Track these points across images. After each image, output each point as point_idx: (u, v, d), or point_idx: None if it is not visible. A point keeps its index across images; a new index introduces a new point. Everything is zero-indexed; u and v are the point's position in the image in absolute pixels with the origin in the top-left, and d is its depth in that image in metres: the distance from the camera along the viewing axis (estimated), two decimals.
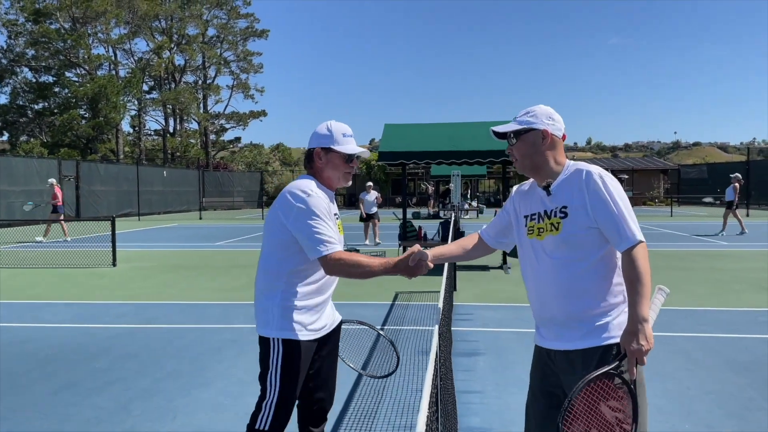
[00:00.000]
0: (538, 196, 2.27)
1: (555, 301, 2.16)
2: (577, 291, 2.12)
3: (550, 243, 2.16)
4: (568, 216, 2.13)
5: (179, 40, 47.25)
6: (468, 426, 3.71)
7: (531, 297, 2.30)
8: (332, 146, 2.56)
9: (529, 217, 2.28)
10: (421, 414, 1.46)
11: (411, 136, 11.31)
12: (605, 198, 2.09)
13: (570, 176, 2.20)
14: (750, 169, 31.64)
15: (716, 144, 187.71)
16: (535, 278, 2.24)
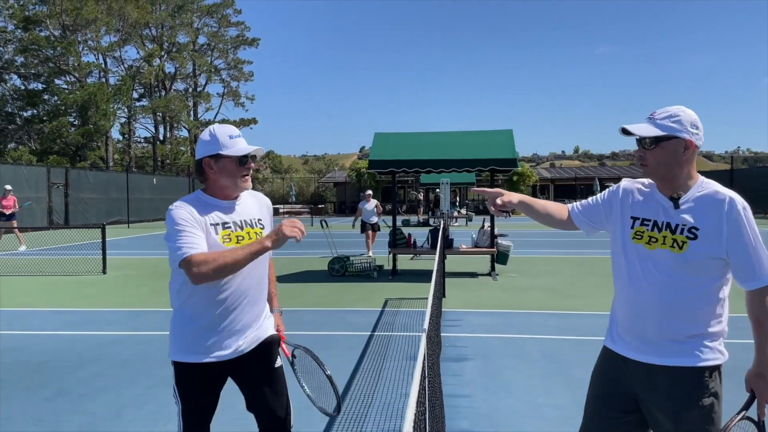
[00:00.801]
0: (657, 202, 2.13)
1: (653, 318, 2.07)
2: (681, 314, 2.05)
3: (666, 258, 2.05)
4: (697, 239, 2.02)
5: (170, 48, 47.30)
6: (457, 429, 3.79)
7: (621, 303, 2.20)
8: (220, 152, 2.37)
9: (639, 220, 2.15)
10: (408, 414, 1.49)
11: (401, 145, 11.43)
12: (746, 233, 2.01)
13: (706, 196, 2.07)
14: (733, 177, 32.08)
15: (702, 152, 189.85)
16: (633, 287, 2.12)
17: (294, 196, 44.49)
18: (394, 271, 11.10)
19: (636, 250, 2.11)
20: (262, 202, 2.63)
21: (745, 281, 2.03)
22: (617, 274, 2.21)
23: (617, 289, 2.21)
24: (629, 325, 2.15)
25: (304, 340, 5.96)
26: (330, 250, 11.98)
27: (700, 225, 2.02)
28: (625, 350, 2.16)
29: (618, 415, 2.17)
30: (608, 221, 2.26)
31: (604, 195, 2.31)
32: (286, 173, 74.96)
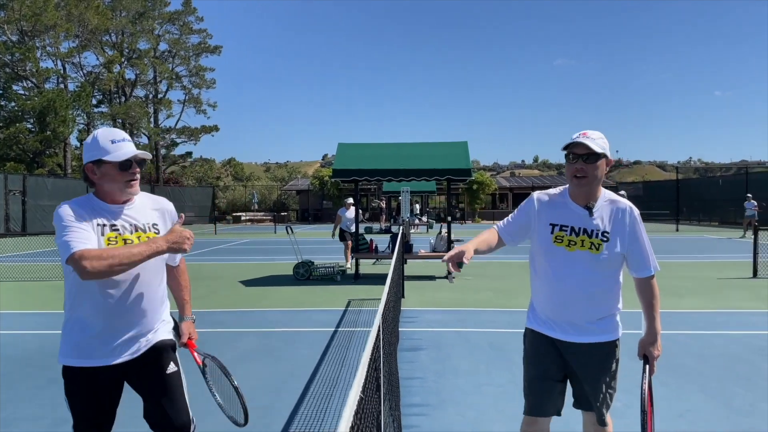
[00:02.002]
0: (572, 211, 2.56)
1: (578, 306, 2.52)
2: (599, 301, 2.54)
3: (586, 258, 2.50)
4: (609, 241, 2.50)
5: (130, 54, 46.91)
6: (409, 403, 4.40)
7: (546, 295, 2.62)
8: (102, 157, 2.31)
9: (558, 227, 2.55)
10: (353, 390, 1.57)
11: (363, 155, 12.04)
12: (641, 234, 2.56)
13: (609, 205, 2.57)
14: (680, 187, 33.80)
15: (655, 162, 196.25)
16: (559, 282, 2.54)
17: (256, 204, 44.62)
18: (357, 275, 11.67)
19: (558, 251, 2.53)
20: (162, 208, 2.59)
21: (639, 271, 2.59)
22: (539, 272, 2.63)
23: (539, 284, 2.65)
24: (556, 313, 2.59)
25: (271, 337, 6.57)
26: (295, 256, 12.47)
27: (610, 229, 2.52)
28: (553, 333, 2.61)
29: (552, 386, 2.63)
30: (529, 230, 2.64)
31: (521, 209, 2.70)
32: (247, 181, 74.64)
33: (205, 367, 2.73)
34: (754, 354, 5.67)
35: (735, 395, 4.49)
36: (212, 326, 7.19)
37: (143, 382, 2.47)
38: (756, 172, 40.35)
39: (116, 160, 2.32)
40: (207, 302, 8.84)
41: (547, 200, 2.63)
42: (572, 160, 2.48)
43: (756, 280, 10.66)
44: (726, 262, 13.86)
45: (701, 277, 11.29)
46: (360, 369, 1.69)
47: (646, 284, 2.61)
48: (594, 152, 2.43)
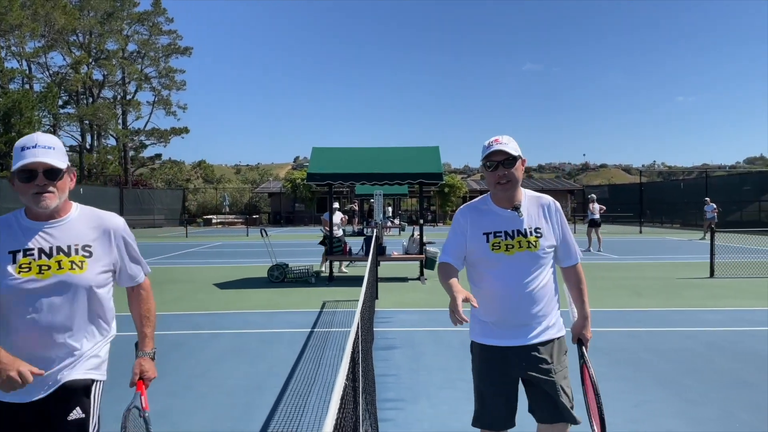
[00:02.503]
0: (501, 215, 2.58)
1: (526, 307, 2.53)
2: (543, 297, 2.56)
3: (527, 258, 2.52)
4: (542, 236, 2.55)
5: (98, 54, 46.16)
6: (385, 398, 4.62)
7: (495, 305, 2.57)
8: (13, 167, 2.09)
9: (492, 234, 2.55)
10: (336, 388, 1.61)
11: (337, 159, 12.23)
12: (566, 224, 2.68)
13: (532, 201, 2.64)
14: (644, 190, 34.75)
15: (621, 166, 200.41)
16: (507, 289, 2.52)
17: (227, 207, 44.30)
18: (331, 276, 11.85)
19: (498, 258, 2.53)
20: (104, 226, 2.30)
21: (568, 260, 2.71)
22: (482, 283, 2.61)
23: (483, 294, 2.59)
24: (504, 319, 2.56)
25: (248, 338, 6.72)
26: (269, 258, 12.58)
27: (540, 225, 2.60)
28: (504, 341, 2.56)
29: (507, 400, 2.58)
30: (468, 245, 2.64)
31: (453, 230, 2.70)
32: (218, 183, 73.93)
33: (128, 414, 2.31)
34: (706, 349, 6.05)
35: (688, 387, 4.82)
36: (187, 328, 7.30)
37: (46, 426, 2.11)
38: (716, 176, 41.72)
39: (16, 170, 2.06)
40: (181, 305, 8.92)
41: (473, 212, 2.66)
42: (493, 168, 2.52)
43: (713, 280, 11.17)
44: (686, 263, 14.43)
45: (661, 277, 11.77)
46: (342, 366, 1.83)
47: (575, 272, 2.72)
48: (512, 156, 2.50)
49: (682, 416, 4.17)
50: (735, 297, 9.22)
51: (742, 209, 30.91)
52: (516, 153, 2.51)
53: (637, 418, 4.14)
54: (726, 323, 7.33)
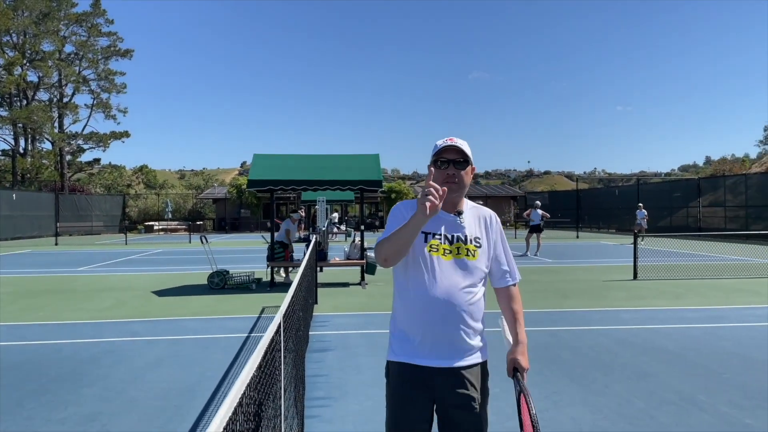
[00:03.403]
0: (442, 218, 2.37)
1: (458, 321, 2.27)
2: (475, 315, 2.32)
3: (463, 267, 2.32)
4: (481, 246, 2.38)
5: (33, 56, 44.46)
6: (314, 396, 4.82)
7: (422, 314, 2.29)
8: None
9: (431, 235, 2.34)
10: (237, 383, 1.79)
11: (279, 166, 12.34)
12: (505, 240, 2.49)
13: (473, 211, 2.46)
14: (582, 196, 36.15)
15: (564, 173, 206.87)
16: (436, 296, 2.27)
17: (170, 213, 43.37)
18: (272, 282, 11.93)
19: (433, 261, 2.31)
20: None
21: (503, 280, 2.48)
22: (411, 287, 2.32)
23: (410, 302, 2.32)
24: (431, 333, 2.27)
25: (184, 344, 6.79)
26: (209, 265, 12.54)
27: (480, 235, 2.41)
28: (426, 360, 2.29)
29: (422, 426, 2.31)
30: None
31: (395, 217, 2.40)
32: (161, 189, 72.18)
33: None
34: (617, 345, 6.52)
35: (594, 379, 5.23)
36: (122, 336, 7.28)
37: None
38: (651, 183, 43.77)
39: None
40: (117, 313, 8.85)
41: (414, 209, 2.31)
42: (443, 166, 2.36)
43: (636, 282, 11.86)
44: (615, 266, 15.20)
45: (588, 279, 12.41)
46: (246, 371, 1.93)
47: (511, 293, 2.51)
48: (465, 157, 2.37)
49: (585, 405, 4.54)
50: (653, 298, 9.85)
51: (672, 215, 32.60)
52: (469, 156, 2.39)
53: (545, 407, 4.49)
54: (640, 321, 7.87)
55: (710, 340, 6.71)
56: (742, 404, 4.52)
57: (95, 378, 5.46)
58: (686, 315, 8.29)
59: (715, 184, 30.82)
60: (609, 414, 4.35)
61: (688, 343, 6.60)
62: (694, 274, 12.79)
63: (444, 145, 2.39)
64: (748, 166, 43.49)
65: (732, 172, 38.60)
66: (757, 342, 6.61)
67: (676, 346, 6.46)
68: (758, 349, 6.29)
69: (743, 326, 7.50)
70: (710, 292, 10.34)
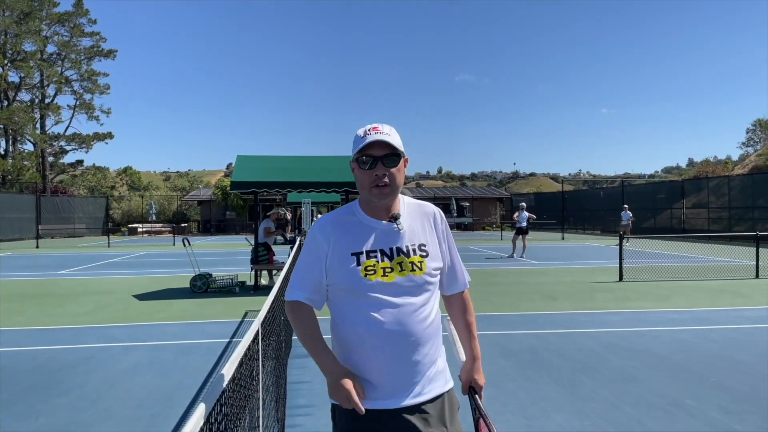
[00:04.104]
0: (372, 229, 1.95)
1: (413, 352, 1.88)
2: (433, 337, 1.94)
3: (409, 285, 1.90)
4: (428, 255, 1.96)
5: (14, 56, 43.80)
6: (295, 405, 4.68)
7: (369, 351, 1.87)
8: None
9: (364, 254, 1.90)
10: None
11: (262, 167, 12.19)
12: (452, 240, 2.07)
13: (413, 210, 2.05)
14: (567, 198, 36.30)
15: (549, 174, 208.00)
16: (384, 328, 1.86)
17: (154, 215, 42.94)
18: (256, 286, 11.76)
19: (373, 287, 1.87)
20: None
21: (453, 286, 2.12)
22: (350, 323, 1.90)
23: (352, 339, 1.90)
24: (384, 371, 1.87)
25: (164, 350, 6.62)
26: (192, 268, 12.35)
27: (424, 240, 1.99)
28: (382, 403, 1.87)
29: None
30: (329, 273, 1.94)
31: (308, 252, 1.99)
32: (145, 190, 71.50)
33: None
34: (604, 348, 6.46)
35: (581, 383, 5.15)
36: (99, 341, 7.09)
37: None
38: (635, 184, 44.09)
39: None
40: (94, 318, 8.64)
41: (335, 226, 1.98)
42: (369, 165, 1.91)
43: (621, 284, 11.85)
44: (601, 268, 15.21)
45: (575, 281, 12.38)
46: (214, 386, 1.85)
47: (462, 301, 2.16)
48: (395, 150, 1.92)
49: (572, 411, 4.46)
50: (639, 299, 9.83)
51: (656, 216, 32.84)
52: (400, 148, 1.94)
53: (531, 414, 4.39)
54: (627, 324, 7.82)
55: (698, 343, 6.67)
56: (731, 409, 4.46)
57: (70, 386, 5.28)
58: (673, 317, 8.26)
59: (698, 185, 31.09)
60: (597, 420, 4.26)
61: (676, 346, 6.56)
62: (680, 275, 12.82)
63: (365, 141, 1.91)
64: (730, 168, 43.97)
65: (715, 173, 39.01)
66: (744, 344, 6.58)
67: (663, 349, 6.40)
68: (745, 351, 6.26)
69: (730, 328, 7.48)
70: (696, 294, 10.34)
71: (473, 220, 43.68)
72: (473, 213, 45.37)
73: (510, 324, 7.92)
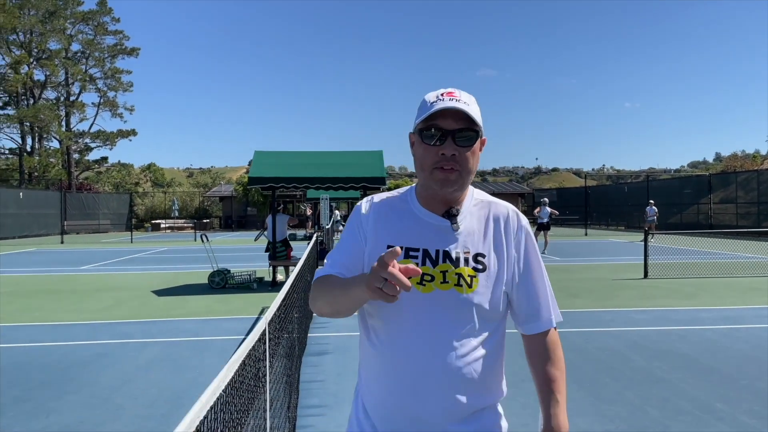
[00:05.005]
0: (423, 222, 1.53)
1: (443, 391, 1.43)
2: (475, 377, 1.46)
3: (452, 304, 1.45)
4: (487, 270, 1.49)
5: (39, 54, 44.50)
6: (308, 404, 4.57)
7: (388, 379, 1.47)
8: None
9: (402, 251, 1.47)
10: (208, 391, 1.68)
11: (280, 163, 12.11)
12: (535, 258, 1.58)
13: (481, 209, 1.58)
14: (590, 193, 35.76)
15: (572, 170, 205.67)
16: (407, 352, 1.44)
17: (176, 211, 43.34)
18: (274, 282, 11.71)
19: (405, 295, 1.34)
20: None
21: (533, 321, 1.58)
22: (374, 337, 1.52)
23: (373, 358, 1.52)
24: (402, 408, 1.46)
25: (179, 346, 6.56)
26: (210, 264, 12.35)
27: (484, 249, 1.52)
28: None
29: None
30: (367, 261, 1.54)
31: (351, 230, 1.60)
32: (168, 187, 72.32)
33: None
34: (628, 348, 6.24)
35: (604, 385, 4.95)
36: (114, 338, 7.07)
37: None
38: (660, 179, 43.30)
39: None
40: (111, 313, 8.65)
41: (384, 210, 1.59)
42: (436, 141, 1.46)
43: (646, 281, 11.54)
44: (625, 264, 14.87)
45: (598, 278, 12.10)
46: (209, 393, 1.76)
47: (545, 345, 1.57)
48: (474, 126, 1.47)
49: (594, 414, 4.27)
50: (665, 297, 9.54)
51: (682, 211, 32.15)
52: (479, 123, 1.48)
53: None
54: (652, 323, 7.57)
55: (726, 343, 6.41)
56: (762, 413, 4.24)
57: (83, 383, 5.24)
58: (700, 315, 7.98)
59: (726, 180, 30.34)
60: (620, 424, 4.08)
61: (703, 345, 6.31)
62: (707, 272, 12.46)
63: (436, 107, 1.45)
64: (759, 162, 42.91)
65: (743, 168, 38.04)
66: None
67: (690, 349, 6.17)
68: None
69: (760, 328, 7.20)
70: (724, 292, 10.02)
71: None
72: None
73: None
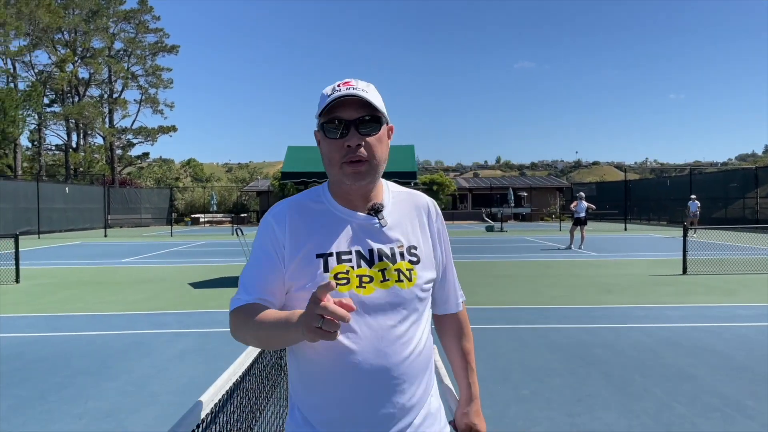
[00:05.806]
0: (347, 222, 1.45)
1: (396, 386, 1.38)
2: (421, 370, 1.44)
3: (396, 302, 1.40)
4: (420, 261, 1.46)
5: (83, 53, 45.94)
6: None
7: (340, 390, 1.37)
8: None
9: (334, 257, 1.40)
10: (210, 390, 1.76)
11: (312, 158, 12.24)
12: (448, 242, 1.60)
13: (402, 200, 1.54)
14: (631, 187, 35.00)
15: (613, 163, 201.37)
16: (356, 357, 1.35)
17: (215, 206, 44.23)
18: None
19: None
20: None
21: (445, 304, 1.63)
22: (314, 351, 1.39)
23: (312, 370, 1.41)
24: (354, 415, 1.37)
25: (212, 337, 6.72)
26: (245, 258, 12.58)
27: (417, 241, 1.49)
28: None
29: None
30: (287, 277, 1.42)
31: (261, 245, 1.46)
32: (207, 182, 73.76)
33: None
34: (660, 344, 6.13)
35: (632, 381, 4.89)
36: (150, 328, 7.30)
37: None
38: (704, 173, 42.04)
39: None
40: (148, 304, 8.92)
41: (297, 214, 1.47)
42: (338, 133, 1.40)
43: (684, 277, 11.27)
44: (663, 260, 14.54)
45: (634, 274, 11.87)
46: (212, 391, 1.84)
47: (461, 322, 1.65)
48: (375, 113, 1.42)
49: (620, 409, 4.23)
50: (703, 294, 9.32)
51: (727, 206, 31.18)
52: (382, 109, 1.43)
53: (577, 411, 4.20)
54: (687, 319, 7.41)
55: (763, 341, 6.24)
56: None
57: (119, 371, 5.45)
58: (738, 312, 7.77)
59: None
60: (646, 420, 4.03)
61: (738, 343, 6.16)
62: (749, 268, 12.08)
63: (333, 97, 1.38)
64: None
65: None
66: None
67: (724, 346, 6.02)
68: None
69: None
70: (765, 289, 9.71)
71: (531, 210, 42.78)
72: (531, 203, 44.42)
73: (561, 317, 7.66)
